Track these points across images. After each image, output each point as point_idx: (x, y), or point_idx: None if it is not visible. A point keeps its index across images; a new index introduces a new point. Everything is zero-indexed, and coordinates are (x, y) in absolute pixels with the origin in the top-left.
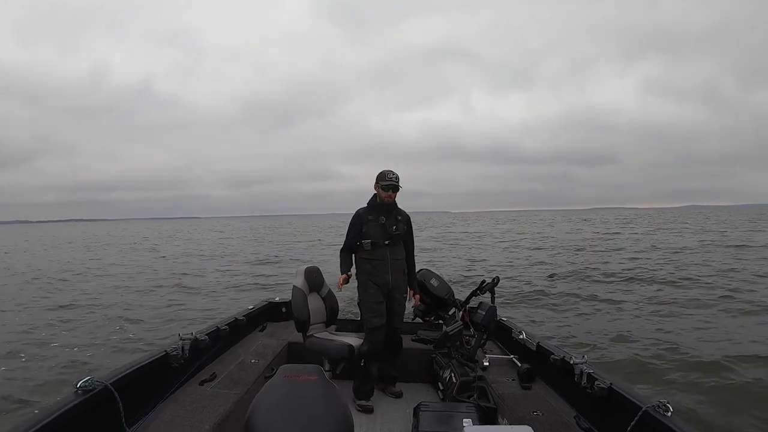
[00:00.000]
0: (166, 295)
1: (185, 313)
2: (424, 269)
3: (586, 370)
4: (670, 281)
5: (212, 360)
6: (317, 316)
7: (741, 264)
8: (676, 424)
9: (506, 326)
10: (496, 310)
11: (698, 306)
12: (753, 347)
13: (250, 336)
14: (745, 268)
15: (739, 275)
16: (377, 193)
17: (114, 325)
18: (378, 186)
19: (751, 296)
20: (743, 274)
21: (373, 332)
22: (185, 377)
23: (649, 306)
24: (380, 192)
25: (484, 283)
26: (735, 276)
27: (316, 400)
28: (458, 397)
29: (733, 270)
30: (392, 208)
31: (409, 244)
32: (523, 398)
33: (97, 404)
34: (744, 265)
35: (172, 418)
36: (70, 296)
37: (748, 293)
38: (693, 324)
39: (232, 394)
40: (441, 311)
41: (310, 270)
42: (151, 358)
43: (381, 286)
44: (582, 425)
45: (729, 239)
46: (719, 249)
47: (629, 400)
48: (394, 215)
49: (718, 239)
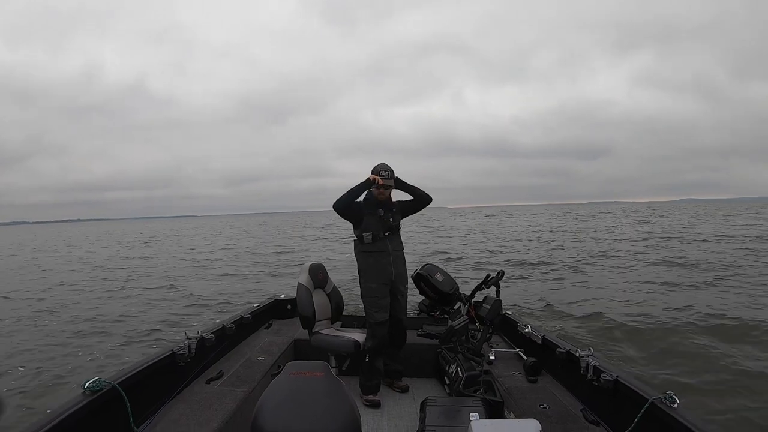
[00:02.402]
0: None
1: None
2: (429, 264)
3: (592, 363)
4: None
5: (219, 358)
6: (322, 312)
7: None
8: (682, 415)
9: (512, 320)
10: (501, 304)
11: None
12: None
13: (256, 334)
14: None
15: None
16: (372, 190)
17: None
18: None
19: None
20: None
21: (378, 327)
22: (192, 376)
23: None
24: (374, 190)
25: (489, 277)
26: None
27: (322, 397)
28: (465, 391)
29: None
30: (388, 200)
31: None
32: (529, 392)
33: (105, 405)
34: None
35: (180, 416)
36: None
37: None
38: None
39: (239, 391)
40: (446, 306)
41: (315, 267)
42: (157, 358)
43: (385, 279)
44: (588, 418)
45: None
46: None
47: (635, 392)
48: (390, 208)
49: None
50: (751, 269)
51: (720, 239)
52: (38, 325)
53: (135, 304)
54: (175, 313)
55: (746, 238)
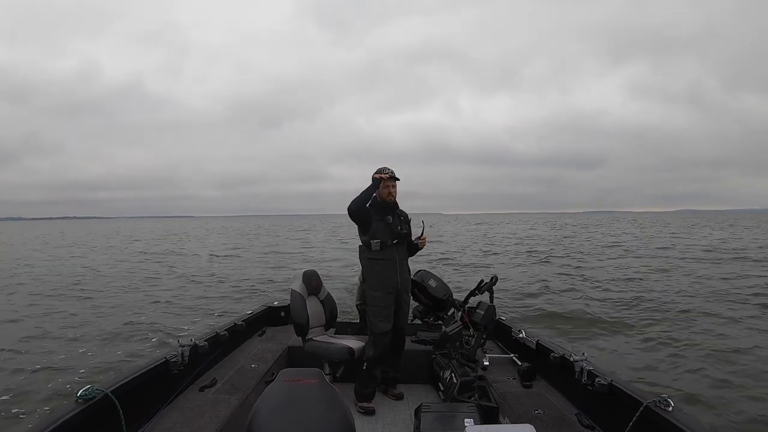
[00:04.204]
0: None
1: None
2: (422, 270)
3: (586, 368)
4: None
5: (212, 366)
6: (316, 319)
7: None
8: (677, 418)
9: (506, 325)
10: (495, 310)
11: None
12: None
13: (250, 341)
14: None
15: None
16: (377, 192)
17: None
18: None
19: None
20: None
21: (380, 337)
22: (185, 384)
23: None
24: (380, 191)
25: (482, 283)
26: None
27: (317, 404)
28: (459, 397)
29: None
30: (395, 207)
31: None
32: (524, 397)
33: (98, 413)
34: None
35: (173, 425)
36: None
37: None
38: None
39: (233, 399)
40: (440, 312)
41: (308, 273)
42: (151, 365)
43: (391, 288)
44: (583, 422)
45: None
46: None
47: (630, 396)
48: (398, 215)
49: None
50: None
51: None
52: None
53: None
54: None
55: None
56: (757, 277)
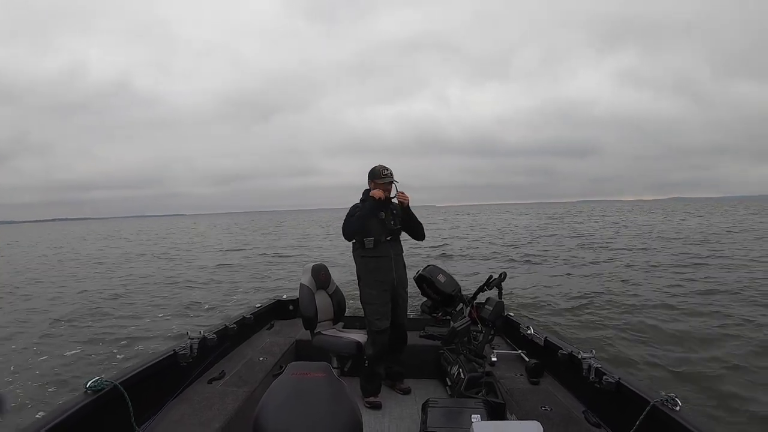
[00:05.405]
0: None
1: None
2: (431, 265)
3: (594, 365)
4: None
5: (220, 358)
6: (325, 313)
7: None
8: (684, 417)
9: (514, 321)
10: (503, 306)
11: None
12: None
13: (258, 334)
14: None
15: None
16: (372, 189)
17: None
18: (373, 183)
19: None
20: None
21: (378, 335)
22: (194, 376)
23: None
24: (376, 191)
25: (491, 279)
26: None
27: (324, 397)
28: (466, 392)
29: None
30: (388, 202)
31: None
32: (531, 393)
33: (107, 404)
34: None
35: (181, 416)
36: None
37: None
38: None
39: (241, 392)
40: (448, 307)
41: (317, 267)
42: (159, 358)
43: (387, 285)
44: (590, 420)
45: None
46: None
47: (637, 395)
48: (390, 210)
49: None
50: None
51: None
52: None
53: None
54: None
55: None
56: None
